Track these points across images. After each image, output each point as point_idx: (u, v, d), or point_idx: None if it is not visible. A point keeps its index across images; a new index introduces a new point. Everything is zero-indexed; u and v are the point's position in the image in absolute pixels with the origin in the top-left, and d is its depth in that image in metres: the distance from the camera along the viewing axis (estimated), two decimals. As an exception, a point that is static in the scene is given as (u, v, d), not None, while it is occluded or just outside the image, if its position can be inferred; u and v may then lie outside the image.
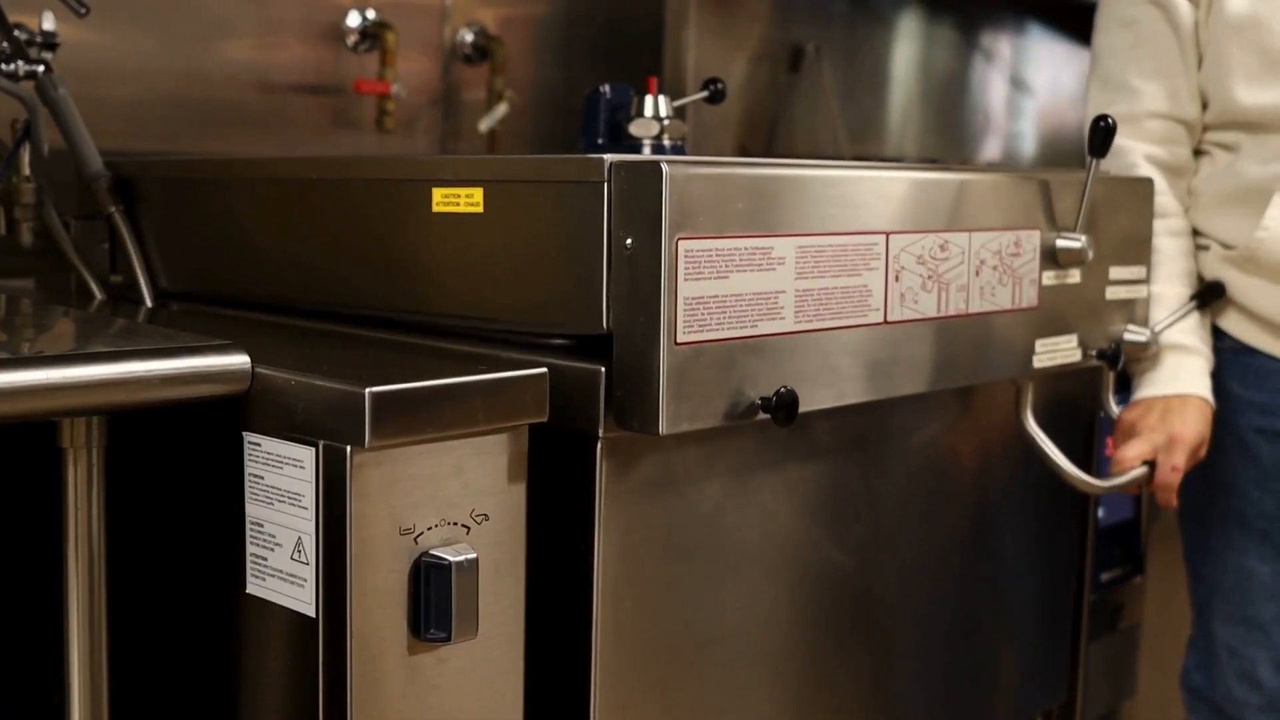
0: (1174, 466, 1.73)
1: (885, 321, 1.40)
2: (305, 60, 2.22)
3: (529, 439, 1.18)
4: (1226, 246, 1.82)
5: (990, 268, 1.51)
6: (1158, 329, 1.77)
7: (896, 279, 1.40)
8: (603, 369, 1.23)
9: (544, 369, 1.18)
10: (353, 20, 2.26)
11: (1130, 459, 1.73)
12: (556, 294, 1.27)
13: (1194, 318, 1.82)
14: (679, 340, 1.21)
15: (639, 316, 1.21)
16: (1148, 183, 1.79)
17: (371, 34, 2.27)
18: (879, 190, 1.39)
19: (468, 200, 1.32)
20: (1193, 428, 1.74)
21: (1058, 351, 1.62)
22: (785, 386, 1.27)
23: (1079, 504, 1.91)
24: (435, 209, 1.34)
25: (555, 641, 1.28)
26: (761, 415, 1.27)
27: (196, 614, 1.25)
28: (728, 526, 1.38)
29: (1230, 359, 1.85)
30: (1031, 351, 1.59)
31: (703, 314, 1.22)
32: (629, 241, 1.21)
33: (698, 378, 1.23)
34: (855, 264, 1.36)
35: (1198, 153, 1.88)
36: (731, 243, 1.24)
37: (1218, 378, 1.85)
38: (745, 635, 1.42)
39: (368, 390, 1.05)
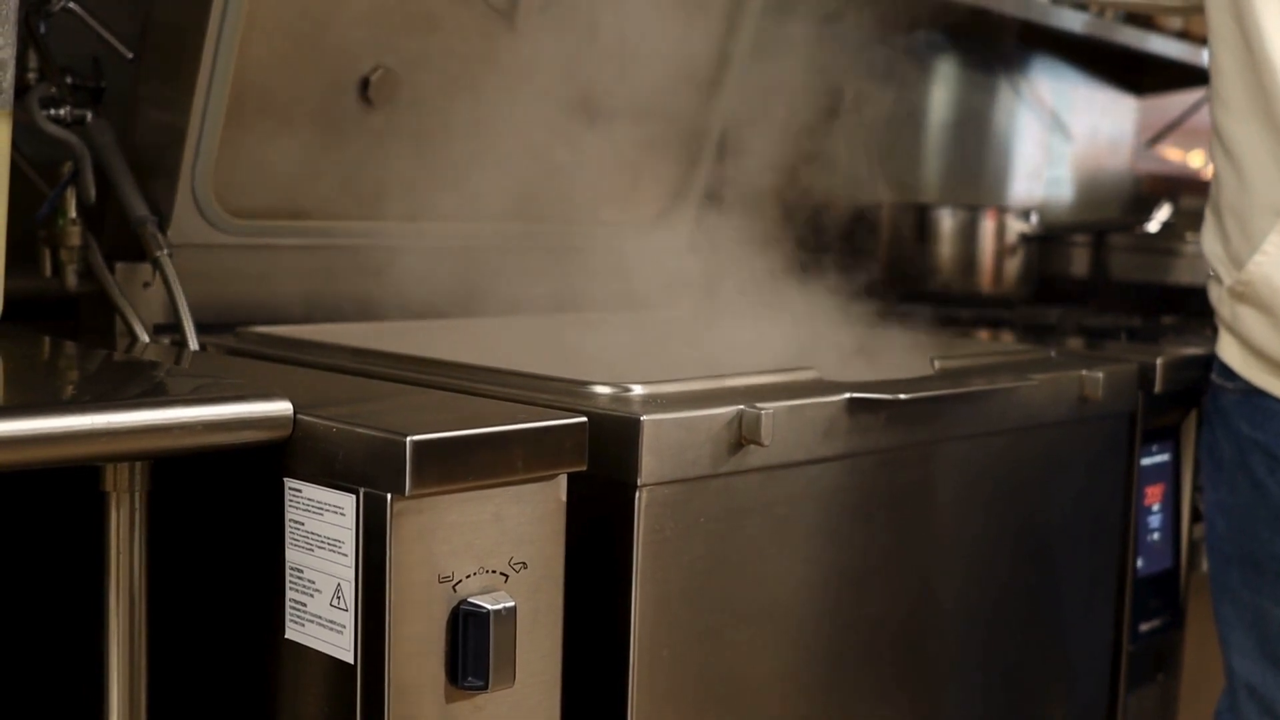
0: None
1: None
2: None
3: (568, 487, 1.19)
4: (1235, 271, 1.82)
5: None
6: None
7: None
8: (641, 418, 1.23)
9: (584, 418, 1.18)
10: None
11: None
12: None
13: None
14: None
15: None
16: None
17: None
18: None
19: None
20: None
21: None
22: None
23: (1118, 554, 1.89)
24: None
25: (592, 690, 1.28)
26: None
27: (235, 658, 1.25)
28: (767, 575, 1.37)
29: (1240, 400, 1.85)
30: None
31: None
32: None
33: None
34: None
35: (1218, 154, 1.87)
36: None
37: (1230, 418, 1.85)
38: (783, 685, 1.41)
39: (409, 438, 1.06)
